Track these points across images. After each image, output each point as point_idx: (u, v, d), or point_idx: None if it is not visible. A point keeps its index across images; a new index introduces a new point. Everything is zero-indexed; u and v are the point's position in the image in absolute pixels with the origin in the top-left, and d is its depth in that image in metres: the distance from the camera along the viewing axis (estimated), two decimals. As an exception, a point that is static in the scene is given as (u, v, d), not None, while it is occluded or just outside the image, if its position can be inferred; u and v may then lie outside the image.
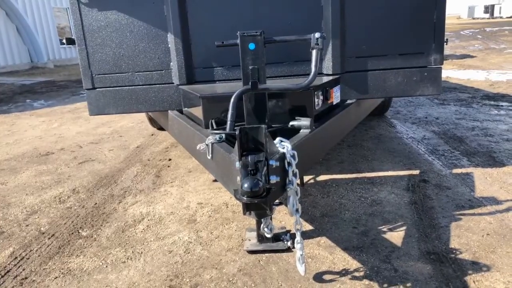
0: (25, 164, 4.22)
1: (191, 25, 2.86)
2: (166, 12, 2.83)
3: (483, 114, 5.02)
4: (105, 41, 2.90)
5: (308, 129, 2.13)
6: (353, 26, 2.80)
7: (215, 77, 2.95)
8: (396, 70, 2.89)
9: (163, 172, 3.71)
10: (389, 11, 2.78)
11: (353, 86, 2.93)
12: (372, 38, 2.83)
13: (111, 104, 3.03)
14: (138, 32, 2.88)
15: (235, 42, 2.11)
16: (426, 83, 2.91)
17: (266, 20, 2.83)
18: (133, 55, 2.92)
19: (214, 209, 2.86)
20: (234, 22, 2.84)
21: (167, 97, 3.00)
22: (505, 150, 3.67)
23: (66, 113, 7.20)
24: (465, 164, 3.41)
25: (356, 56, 2.87)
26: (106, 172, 3.79)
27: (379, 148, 3.96)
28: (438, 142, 4.03)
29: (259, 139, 1.61)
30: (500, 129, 4.34)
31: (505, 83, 7.20)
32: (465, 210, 2.61)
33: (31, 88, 10.69)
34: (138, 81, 2.98)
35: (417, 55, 2.86)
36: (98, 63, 2.94)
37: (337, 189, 3.05)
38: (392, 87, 2.92)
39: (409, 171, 3.33)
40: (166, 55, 2.92)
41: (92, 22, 2.87)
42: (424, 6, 2.77)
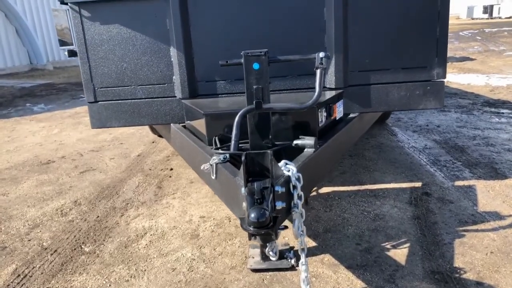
0: (26, 173, 4.21)
1: (193, 39, 2.86)
2: (168, 26, 2.82)
3: (484, 122, 5.02)
4: (108, 55, 2.90)
5: (313, 148, 2.13)
6: (356, 40, 2.80)
7: (217, 91, 2.94)
8: (399, 84, 2.89)
9: (165, 182, 3.70)
10: (392, 25, 2.78)
11: (356, 100, 2.92)
12: (375, 52, 2.83)
13: (114, 117, 3.02)
14: (140, 45, 2.88)
15: (239, 61, 2.10)
16: (429, 96, 2.91)
17: (269, 33, 2.83)
18: (136, 69, 2.92)
19: (217, 223, 2.85)
20: (237, 35, 2.84)
21: (170, 111, 2.99)
22: (506, 161, 3.67)
23: (66, 118, 7.18)
24: (467, 176, 3.41)
25: (359, 70, 2.87)
26: (107, 183, 3.78)
27: (380, 158, 3.95)
28: (440, 152, 4.03)
29: (265, 164, 1.61)
30: (502, 138, 4.34)
31: (505, 88, 7.20)
32: (468, 225, 2.61)
33: (31, 91, 10.67)
34: (141, 94, 2.97)
35: (420, 69, 2.86)
36: (101, 76, 2.94)
37: (339, 202, 3.05)
38: (395, 100, 2.92)
39: (411, 183, 3.33)
40: (168, 68, 2.91)
41: (95, 35, 2.87)
42: (427, 21, 2.76)
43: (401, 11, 2.75)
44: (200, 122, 2.52)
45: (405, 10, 2.75)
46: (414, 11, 2.76)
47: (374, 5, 2.75)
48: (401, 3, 2.74)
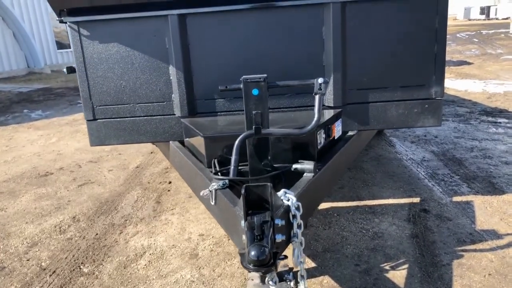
0: (24, 186, 4.20)
1: (192, 57, 2.86)
2: (167, 45, 2.82)
3: (482, 132, 5.04)
4: (107, 73, 2.89)
5: (312, 173, 2.13)
6: (354, 59, 2.80)
7: (216, 109, 2.94)
8: (397, 102, 2.90)
9: (164, 197, 3.71)
10: (390, 44, 2.79)
11: (354, 118, 2.93)
12: (373, 71, 2.84)
13: (113, 135, 3.02)
14: (139, 64, 2.88)
15: (238, 86, 2.11)
16: (427, 114, 2.92)
17: (268, 51, 2.83)
18: (135, 87, 2.92)
19: (216, 241, 2.86)
20: (236, 53, 2.84)
21: (169, 128, 2.99)
22: (504, 175, 3.69)
23: (64, 125, 7.17)
24: (465, 191, 3.42)
25: (357, 88, 2.88)
26: (106, 197, 3.78)
27: (379, 171, 3.97)
28: (438, 165, 4.04)
29: (265, 197, 1.61)
30: (499, 150, 4.36)
31: (502, 95, 7.23)
32: (467, 245, 2.62)
33: (29, 96, 10.65)
34: (140, 112, 2.97)
35: (418, 88, 2.87)
36: (99, 94, 2.93)
37: (338, 219, 3.06)
38: (393, 118, 2.93)
39: (409, 198, 3.34)
40: (167, 87, 2.91)
41: (93, 54, 2.86)
42: (425, 40, 2.78)
43: (399, 30, 2.76)
44: (199, 143, 2.52)
45: (403, 29, 2.76)
46: (412, 30, 2.77)
47: (372, 24, 2.76)
48: (399, 23, 2.75)
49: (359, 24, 2.76)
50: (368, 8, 2.73)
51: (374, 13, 2.74)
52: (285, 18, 2.78)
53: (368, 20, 2.75)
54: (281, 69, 2.85)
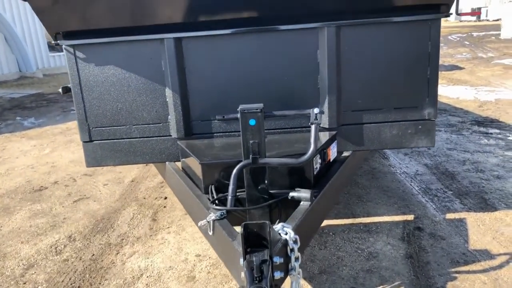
0: (19, 202, 4.18)
1: (188, 80, 2.87)
2: (164, 67, 2.84)
3: (473, 143, 5.11)
4: (103, 95, 2.90)
5: (308, 201, 2.16)
6: (349, 81, 2.84)
7: (212, 130, 2.96)
8: (391, 123, 2.94)
9: (160, 214, 3.71)
10: (384, 67, 2.83)
11: (349, 139, 2.97)
12: (367, 93, 2.88)
13: (109, 156, 3.02)
14: (136, 86, 2.89)
15: (235, 116, 2.13)
16: (420, 135, 2.97)
17: (263, 74, 2.85)
18: (131, 109, 2.93)
19: (213, 263, 2.88)
20: (231, 75, 2.87)
21: (165, 149, 3.01)
22: (496, 190, 3.74)
23: (58, 135, 7.14)
24: (458, 207, 3.47)
25: (351, 110, 2.91)
26: (102, 214, 3.78)
27: (373, 186, 4.01)
28: (431, 179, 4.09)
29: (263, 235, 1.64)
30: (491, 163, 4.42)
31: (493, 104, 7.32)
32: (460, 266, 2.67)
33: (21, 103, 10.58)
34: (136, 133, 2.98)
35: (412, 109, 2.91)
36: (95, 116, 2.94)
37: (334, 238, 3.09)
38: (387, 139, 2.97)
39: (403, 216, 3.38)
40: (164, 108, 2.93)
41: (90, 76, 2.87)
42: (418, 63, 2.82)
43: (393, 53, 2.80)
44: (196, 167, 2.54)
45: (397, 53, 2.80)
46: (406, 54, 2.81)
47: (366, 48, 2.79)
48: (393, 46, 2.79)
49: (354, 47, 2.79)
50: (362, 32, 2.77)
51: (368, 37, 2.78)
52: (280, 42, 2.80)
53: (362, 44, 2.79)
54: (276, 91, 2.88)
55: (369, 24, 2.75)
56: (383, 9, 2.74)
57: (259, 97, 2.88)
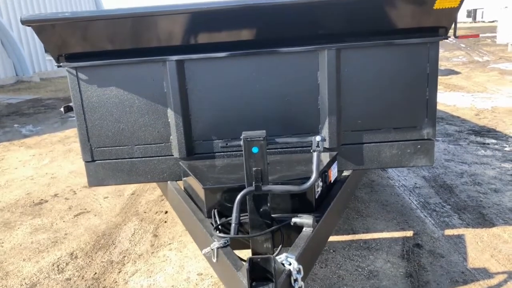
0: (19, 216, 4.19)
1: (190, 100, 2.90)
2: (166, 89, 2.86)
3: (471, 154, 5.16)
4: (105, 116, 2.92)
5: (311, 227, 2.19)
6: (349, 102, 2.87)
7: (214, 150, 2.99)
8: (391, 143, 2.97)
9: (161, 229, 3.74)
10: (384, 88, 2.86)
11: (349, 158, 3.00)
12: (367, 114, 2.91)
13: (111, 176, 3.04)
14: (138, 107, 2.91)
15: (238, 143, 2.16)
16: (419, 155, 3.00)
17: (263, 94, 2.88)
18: (133, 129, 2.95)
19: (214, 282, 2.90)
20: (232, 96, 2.89)
21: (167, 169, 3.03)
22: (493, 205, 3.79)
23: (56, 143, 7.14)
24: (456, 223, 3.51)
25: (352, 130, 2.95)
26: (103, 229, 3.80)
27: (372, 200, 4.04)
28: (429, 193, 4.14)
29: (268, 268, 1.66)
30: (488, 175, 4.47)
31: (490, 112, 7.38)
32: (459, 286, 2.71)
33: (18, 109, 10.56)
34: (138, 153, 3.00)
35: (411, 129, 2.95)
36: (98, 137, 2.96)
37: (334, 256, 3.12)
38: (387, 158, 3.01)
39: (403, 232, 3.42)
40: (166, 129, 2.95)
41: (92, 98, 2.89)
42: (417, 84, 2.86)
43: (392, 75, 2.84)
44: (199, 190, 2.56)
45: (396, 74, 2.84)
46: (405, 75, 2.85)
47: (366, 69, 2.83)
48: (392, 68, 2.82)
49: (353, 69, 2.82)
50: (362, 54, 2.80)
51: (367, 59, 2.81)
52: (281, 63, 2.83)
53: (362, 66, 2.82)
54: (277, 112, 2.91)
55: (369, 46, 2.79)
56: (382, 31, 2.77)
57: (260, 118, 2.92)
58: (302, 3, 2.60)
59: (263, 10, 2.62)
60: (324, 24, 2.73)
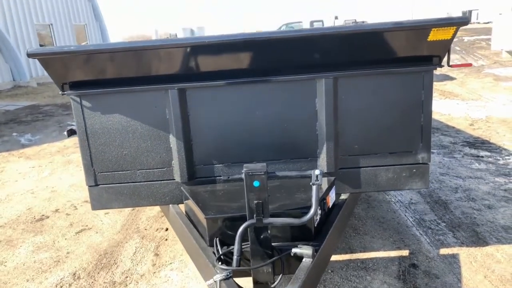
0: (21, 233, 4.24)
1: (192, 126, 2.97)
2: (168, 115, 2.93)
3: (465, 168, 5.26)
4: (108, 142, 2.98)
5: (310, 258, 2.27)
6: (346, 128, 2.95)
7: (215, 174, 3.06)
8: (387, 167, 3.06)
9: (162, 248, 3.80)
10: (380, 115, 2.95)
11: (347, 182, 3.09)
12: (364, 139, 2.99)
13: (114, 200, 3.11)
14: (140, 133, 2.97)
15: (240, 177, 2.23)
16: (414, 178, 3.09)
17: (263, 120, 2.96)
18: (136, 154, 3.01)
19: (216, 304, 2.97)
20: (233, 121, 2.97)
21: (169, 192, 3.10)
22: (487, 223, 3.88)
23: (56, 154, 7.19)
24: (451, 242, 3.60)
25: (349, 154, 3.03)
26: (104, 248, 3.86)
27: (369, 216, 4.13)
28: (424, 209, 4.22)
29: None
30: (482, 191, 4.57)
31: (484, 122, 7.49)
32: (453, 308, 2.80)
33: (16, 116, 10.58)
34: (141, 178, 3.07)
35: (406, 154, 3.03)
36: (101, 162, 3.02)
37: (332, 276, 3.20)
38: (383, 182, 3.09)
39: (399, 251, 3.50)
40: (167, 154, 3.02)
41: (95, 124, 2.95)
42: (412, 110, 2.95)
43: (388, 102, 2.92)
44: (201, 219, 2.63)
45: (392, 101, 2.92)
46: (401, 102, 2.93)
47: (363, 96, 2.91)
48: (388, 95, 2.91)
49: (350, 96, 2.91)
50: (358, 82, 2.89)
51: (364, 87, 2.90)
52: (280, 91, 2.91)
53: (359, 93, 2.91)
54: (276, 137, 2.99)
55: (365, 74, 2.87)
56: (379, 61, 2.85)
57: (260, 143, 3.00)
58: (301, 36, 2.68)
59: (262, 44, 2.69)
60: (321, 55, 2.81)
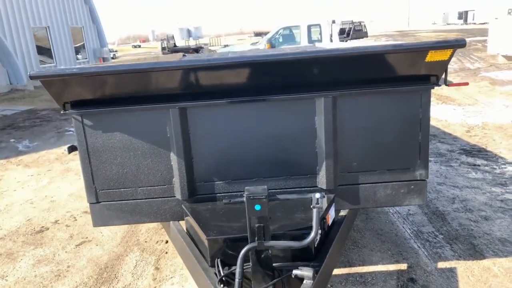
0: (21, 246, 4.26)
1: (192, 144, 2.99)
2: (169, 133, 2.95)
3: (462, 177, 5.31)
4: (109, 160, 3.00)
5: (311, 280, 2.30)
6: (345, 145, 2.99)
7: (215, 191, 3.09)
8: (385, 183, 3.10)
9: (162, 261, 3.83)
10: (378, 133, 2.98)
11: (346, 198, 3.12)
12: (363, 156, 3.03)
13: (115, 216, 3.13)
14: (141, 151, 3.00)
15: (242, 200, 2.26)
16: (412, 194, 3.13)
17: (263, 138, 2.99)
18: (137, 172, 3.04)
19: (217, 320, 3.00)
20: (233, 139, 2.99)
21: (169, 209, 3.12)
22: (484, 235, 3.93)
23: (54, 161, 7.19)
24: (448, 255, 3.64)
25: (348, 171, 3.06)
26: (105, 261, 3.88)
27: (367, 228, 4.17)
28: (422, 221, 4.27)
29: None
30: (479, 201, 4.62)
31: (480, 128, 7.55)
32: (451, 324, 2.84)
33: (14, 121, 10.57)
34: (142, 195, 3.09)
35: (404, 171, 3.07)
36: (102, 179, 3.04)
37: (331, 291, 3.24)
38: (382, 198, 3.13)
39: (397, 264, 3.54)
40: (168, 171, 3.04)
41: (97, 142, 2.97)
42: (410, 128, 2.99)
43: (386, 120, 2.96)
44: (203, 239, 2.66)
45: (390, 119, 2.96)
46: (399, 120, 2.97)
47: (361, 115, 2.95)
48: (386, 114, 2.94)
49: (349, 114, 2.94)
50: (357, 100, 2.92)
51: (363, 105, 2.93)
52: (279, 109, 2.94)
53: (358, 111, 2.94)
54: (276, 155, 3.02)
55: (363, 93, 2.90)
56: (377, 80, 2.89)
57: (260, 160, 3.03)
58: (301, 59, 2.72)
59: (263, 65, 2.73)
60: (321, 75, 2.84)
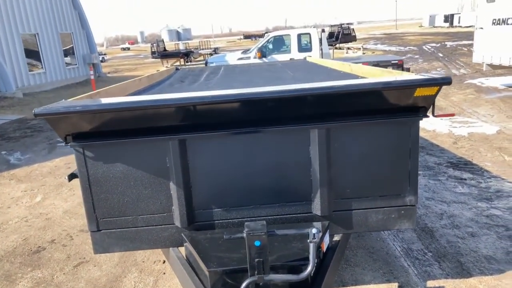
0: (19, 267, 4.30)
1: (192, 174, 3.09)
2: (168, 164, 3.04)
3: (449, 192, 5.49)
4: (110, 189, 3.08)
5: (308, 309, 2.42)
6: (338, 173, 3.11)
7: (214, 218, 3.19)
8: (377, 209, 3.23)
9: (160, 282, 3.91)
10: (370, 161, 3.11)
11: (340, 223, 3.25)
12: (355, 183, 3.16)
13: (115, 244, 3.21)
14: (142, 181, 3.08)
15: (242, 236, 2.37)
16: (403, 219, 3.27)
17: (260, 167, 3.09)
18: (137, 201, 3.12)
19: None
20: (232, 168, 3.10)
21: (169, 236, 3.21)
22: (470, 252, 4.09)
23: (47, 175, 7.21)
24: (437, 273, 3.80)
25: (341, 198, 3.19)
26: (103, 283, 3.95)
27: (360, 246, 4.31)
28: (412, 238, 4.42)
29: None
30: (465, 217, 4.79)
31: (467, 139, 7.77)
32: None
33: (4, 132, 10.51)
34: (142, 223, 3.18)
35: (395, 197, 3.21)
36: (103, 208, 3.12)
37: (326, 313, 3.36)
38: (374, 223, 3.26)
39: (388, 284, 3.68)
40: (168, 200, 3.13)
41: (98, 173, 3.05)
42: (400, 157, 3.12)
43: (378, 149, 3.09)
44: (203, 270, 2.75)
45: (381, 149, 3.09)
46: (389, 149, 3.11)
47: (354, 144, 3.08)
48: (377, 144, 3.08)
49: (342, 144, 3.07)
50: (349, 131, 3.05)
51: (355, 136, 3.06)
52: (275, 140, 3.05)
53: (350, 141, 3.07)
54: (272, 183, 3.13)
55: (355, 125, 3.04)
56: (369, 112, 3.02)
57: (257, 189, 3.14)
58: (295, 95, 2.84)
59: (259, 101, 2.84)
60: (314, 108, 2.96)
